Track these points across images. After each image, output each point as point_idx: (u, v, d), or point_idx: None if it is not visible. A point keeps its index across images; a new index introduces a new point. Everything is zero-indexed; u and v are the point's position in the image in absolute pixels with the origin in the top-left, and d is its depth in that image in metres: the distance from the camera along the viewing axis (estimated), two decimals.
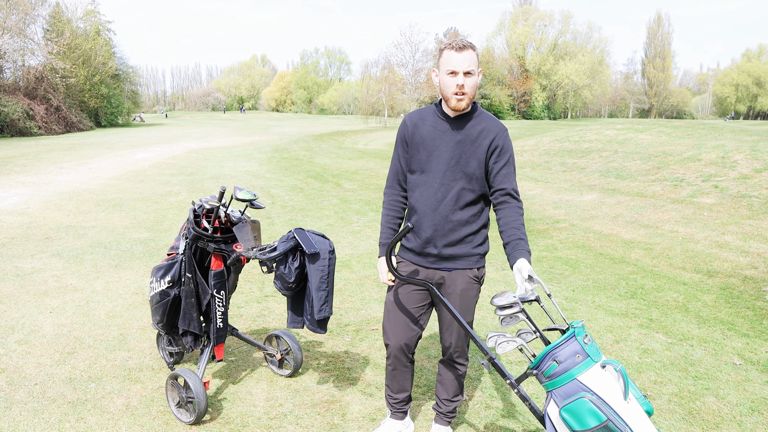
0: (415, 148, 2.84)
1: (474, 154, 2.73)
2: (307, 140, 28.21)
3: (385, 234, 2.99)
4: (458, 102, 2.67)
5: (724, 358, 4.31)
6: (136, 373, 3.88)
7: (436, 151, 2.78)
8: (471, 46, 2.64)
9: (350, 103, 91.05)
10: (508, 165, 2.75)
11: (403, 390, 3.14)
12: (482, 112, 2.81)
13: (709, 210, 8.88)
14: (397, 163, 2.95)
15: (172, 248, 3.62)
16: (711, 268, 6.69)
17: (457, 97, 2.66)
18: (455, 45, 2.64)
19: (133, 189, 12.27)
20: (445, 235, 2.78)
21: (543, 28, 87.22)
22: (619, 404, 2.19)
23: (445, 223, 2.77)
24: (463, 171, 2.74)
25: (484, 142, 2.73)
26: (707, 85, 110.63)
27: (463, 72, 2.62)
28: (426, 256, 2.85)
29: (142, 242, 7.54)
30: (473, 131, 2.74)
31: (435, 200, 2.77)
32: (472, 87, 2.66)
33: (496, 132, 2.74)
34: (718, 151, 11.83)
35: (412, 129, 2.85)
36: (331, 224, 9.08)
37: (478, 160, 2.73)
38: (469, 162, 2.73)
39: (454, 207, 2.76)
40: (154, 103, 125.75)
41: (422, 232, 2.82)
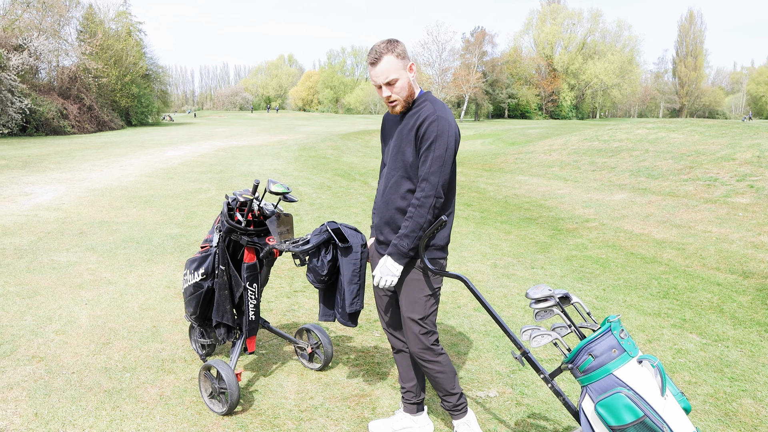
0: (383, 141, 3.05)
1: (409, 142, 2.78)
2: (334, 139, 28.33)
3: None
4: (393, 109, 2.81)
5: (761, 360, 4.22)
6: (169, 364, 3.94)
7: (387, 143, 2.98)
8: (385, 52, 2.67)
9: (377, 102, 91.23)
10: (428, 151, 2.68)
11: (408, 379, 3.15)
12: (423, 101, 2.80)
13: (744, 210, 8.69)
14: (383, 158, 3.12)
15: (206, 241, 3.67)
16: (747, 268, 6.55)
17: (390, 106, 2.79)
18: (370, 58, 2.72)
19: (164, 186, 12.46)
20: (387, 223, 2.88)
21: (571, 27, 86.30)
22: (657, 400, 2.16)
23: (388, 210, 2.86)
24: (402, 160, 2.81)
25: (414, 130, 2.76)
26: (741, 84, 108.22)
27: (384, 84, 2.71)
28: (379, 243, 2.98)
29: (173, 238, 7.65)
30: (410, 121, 2.80)
31: (382, 188, 2.94)
32: (399, 91, 2.72)
33: (423, 118, 2.72)
34: (754, 150, 11.57)
35: (382, 125, 3.07)
36: (359, 222, 9.11)
37: (410, 147, 2.77)
38: (404, 150, 2.79)
39: (395, 195, 2.83)
40: (183, 102, 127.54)
41: (373, 218, 3.01)
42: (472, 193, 12.30)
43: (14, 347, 4.13)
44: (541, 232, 8.59)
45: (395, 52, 2.68)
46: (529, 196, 11.84)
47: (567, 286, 5.97)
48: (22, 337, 4.29)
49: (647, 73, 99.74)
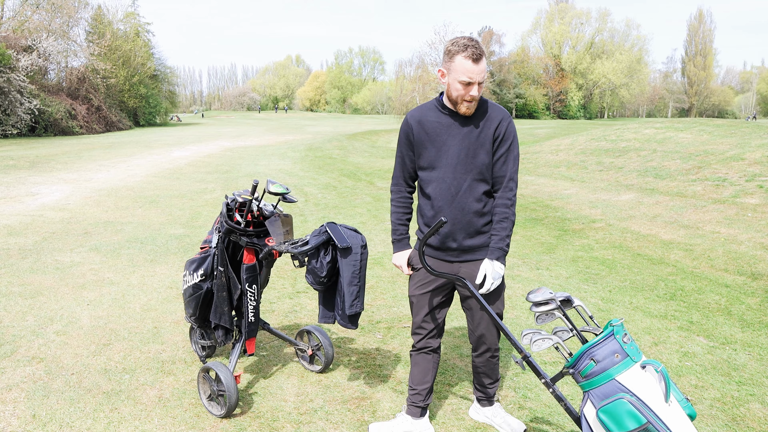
0: (421, 145, 2.85)
1: (482, 145, 2.75)
2: (341, 139, 28.32)
3: (398, 231, 3.04)
4: (467, 109, 2.72)
5: None
6: (169, 366, 3.91)
7: (444, 147, 2.80)
8: (484, 53, 2.64)
9: (384, 102, 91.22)
10: (508, 152, 2.77)
11: (424, 381, 3.11)
12: (484, 102, 2.81)
13: (753, 210, 8.59)
14: (402, 162, 2.98)
15: (205, 242, 3.64)
16: (756, 270, 6.46)
17: (467, 104, 2.69)
18: (472, 55, 2.60)
19: (170, 186, 12.47)
20: (463, 228, 2.81)
21: (579, 27, 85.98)
22: (660, 406, 2.11)
23: (463, 216, 2.79)
24: (473, 163, 2.76)
25: (489, 132, 2.75)
26: (751, 84, 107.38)
27: (478, 83, 2.64)
28: (446, 250, 2.87)
29: (177, 238, 7.64)
30: (478, 122, 2.76)
31: (450, 194, 2.80)
32: (480, 93, 2.69)
33: (499, 119, 2.76)
34: (764, 150, 11.44)
35: (416, 127, 2.86)
36: (364, 222, 9.07)
37: (486, 150, 2.76)
38: (477, 153, 2.76)
39: (469, 199, 2.79)
40: (191, 103, 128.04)
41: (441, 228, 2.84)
42: None
43: (15, 348, 4.11)
44: (547, 233, 8.52)
45: (485, 55, 2.66)
46: (535, 197, 11.76)
47: (572, 287, 5.90)
48: (23, 338, 4.28)
49: (656, 73, 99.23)
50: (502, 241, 2.76)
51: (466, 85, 2.64)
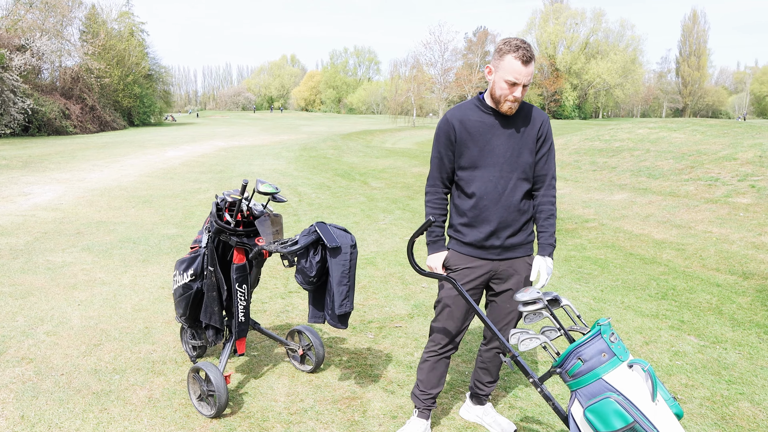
0: (463, 144, 2.83)
1: (525, 144, 2.81)
2: (336, 139, 28.30)
3: (434, 232, 2.98)
4: (509, 109, 2.74)
5: (760, 363, 4.16)
6: (160, 366, 3.90)
7: (487, 146, 2.80)
8: (534, 56, 2.65)
9: (379, 102, 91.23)
10: (549, 151, 2.88)
11: (438, 385, 3.11)
12: (523, 103, 2.85)
13: (745, 210, 8.62)
14: (440, 163, 2.93)
15: (195, 242, 3.63)
16: (747, 269, 6.49)
17: (510, 104, 2.71)
18: (522, 57, 2.61)
19: (163, 186, 12.43)
20: (508, 226, 2.85)
21: (574, 27, 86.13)
22: (647, 406, 2.11)
23: (509, 214, 2.83)
24: (518, 162, 2.81)
25: (532, 132, 2.83)
26: (745, 84, 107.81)
27: (523, 85, 2.66)
28: (488, 248, 2.88)
29: (169, 238, 7.62)
30: (520, 123, 2.81)
31: (497, 193, 2.82)
32: (524, 95, 2.72)
33: (541, 120, 2.85)
34: (756, 150, 11.49)
35: (459, 126, 2.83)
36: (357, 222, 9.06)
37: (530, 149, 2.83)
38: (522, 153, 2.81)
39: (515, 197, 2.83)
40: (186, 102, 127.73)
41: (485, 225, 2.85)
42: None
43: (4, 348, 4.09)
44: None
45: (535, 59, 2.67)
46: None
47: (564, 286, 5.91)
48: (12, 338, 4.26)
49: (650, 73, 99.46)
50: (551, 237, 2.86)
51: (511, 85, 2.65)
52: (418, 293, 5.60)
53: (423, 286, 5.80)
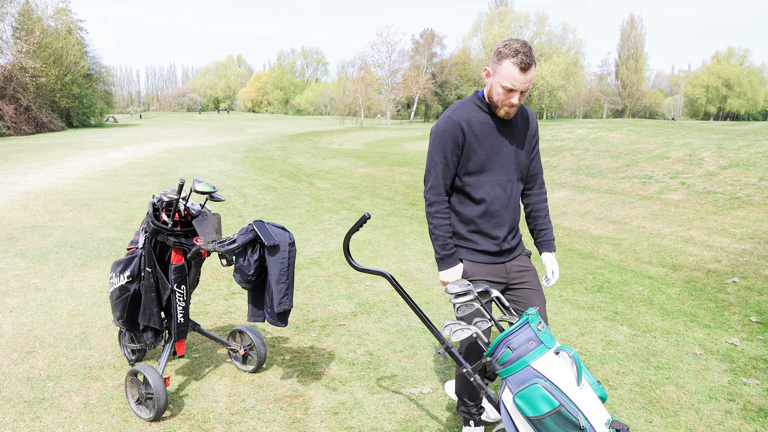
0: (470, 148, 2.70)
1: (523, 145, 2.80)
2: (282, 140, 28.07)
3: (448, 245, 2.78)
4: (506, 114, 2.68)
5: (685, 349, 4.38)
6: (97, 371, 3.81)
7: (493, 149, 2.71)
8: (534, 60, 2.52)
9: (327, 103, 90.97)
10: (537, 147, 2.89)
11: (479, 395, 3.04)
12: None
13: (676, 206, 9.02)
14: (446, 168, 2.74)
15: (132, 243, 3.57)
16: (676, 262, 6.80)
17: (507, 110, 2.65)
18: (521, 63, 2.49)
19: (103, 189, 12.09)
20: (514, 228, 2.86)
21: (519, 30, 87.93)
22: (572, 390, 2.21)
23: (516, 216, 2.85)
24: (519, 163, 2.80)
25: (529, 132, 2.82)
26: (679, 87, 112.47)
27: (521, 91, 2.57)
28: (503, 254, 2.85)
29: (109, 241, 7.43)
30: (519, 123, 2.79)
31: (506, 197, 2.78)
32: (522, 100, 2.63)
33: (534, 119, 2.85)
34: (686, 149, 12.03)
35: (467, 129, 2.69)
36: (303, 222, 9.04)
37: (526, 150, 2.82)
38: (521, 154, 2.80)
39: (518, 199, 2.86)
40: (128, 103, 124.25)
41: (498, 231, 2.78)
42: (417, 193, 12.38)
43: None
44: None
45: (536, 62, 2.56)
46: None
47: None
48: None
49: (591, 75, 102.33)
50: (551, 233, 2.94)
51: (508, 91, 2.55)
52: (361, 292, 5.64)
53: (367, 285, 5.84)
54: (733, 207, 8.50)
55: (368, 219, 2.60)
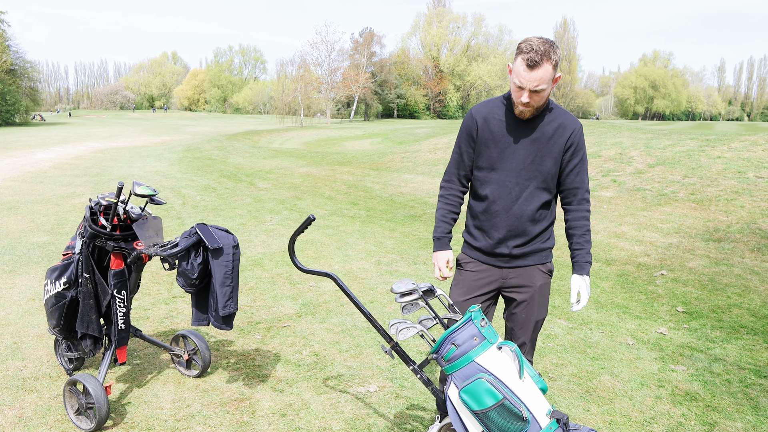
0: (484, 144, 2.69)
1: (550, 152, 2.62)
2: (221, 140, 27.56)
3: (440, 228, 2.85)
4: (520, 114, 2.59)
5: (618, 339, 4.60)
6: (31, 383, 3.67)
7: (508, 149, 2.65)
8: (546, 58, 2.42)
9: (266, 102, 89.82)
10: (581, 163, 2.68)
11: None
12: (556, 108, 2.68)
13: (608, 203, 9.41)
14: (459, 158, 2.79)
15: (68, 248, 3.45)
16: (609, 256, 7.10)
17: (521, 109, 2.56)
18: (528, 60, 2.42)
19: (32, 191, 11.57)
20: (518, 236, 2.70)
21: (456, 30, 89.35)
22: (515, 383, 2.29)
23: (520, 223, 2.68)
24: (539, 170, 2.63)
25: (560, 140, 2.62)
26: (609, 87, 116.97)
27: (530, 90, 2.47)
28: (497, 256, 2.75)
29: (40, 246, 7.12)
30: (548, 129, 2.62)
31: (509, 199, 2.67)
32: (539, 100, 2.52)
33: (572, 129, 2.63)
34: (617, 147, 12.55)
35: (482, 124, 2.69)
36: (244, 223, 8.93)
37: (554, 158, 2.63)
38: (544, 160, 2.63)
39: (528, 207, 2.67)
40: (56, 101, 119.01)
41: (494, 231, 2.72)
42: (359, 192, 12.43)
43: None
44: (425, 229, 8.84)
45: (553, 61, 2.43)
46: (414, 194, 12.13)
47: (447, 281, 6.17)
48: None
49: None
50: (588, 255, 2.72)
51: (518, 89, 2.50)
52: (305, 292, 5.64)
53: (310, 286, 5.84)
54: (660, 203, 8.93)
55: (313, 221, 2.62)
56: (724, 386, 3.80)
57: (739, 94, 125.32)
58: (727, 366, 4.11)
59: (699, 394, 3.69)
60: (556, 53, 2.44)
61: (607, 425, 3.31)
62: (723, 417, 3.41)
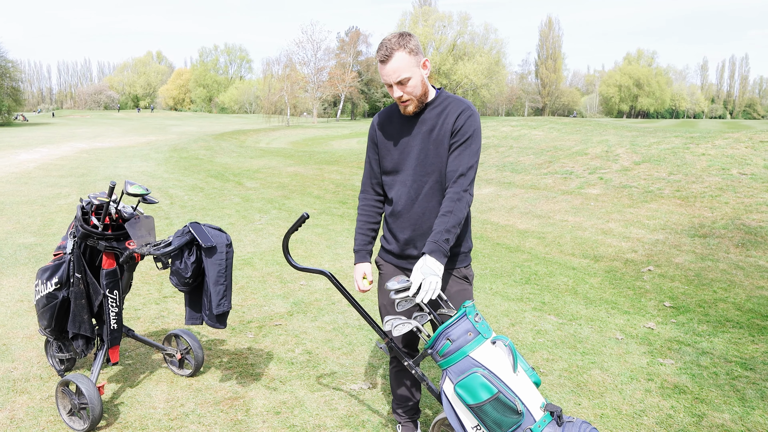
0: (384, 148, 2.70)
1: (442, 142, 2.56)
2: (207, 139, 27.42)
3: (357, 240, 2.84)
4: (404, 108, 2.59)
5: (608, 334, 4.65)
6: (22, 384, 3.64)
7: (407, 148, 2.63)
8: (396, 47, 2.45)
9: (252, 101, 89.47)
10: (463, 145, 2.52)
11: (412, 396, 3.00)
12: (447, 97, 2.63)
13: (595, 200, 9.49)
14: (368, 167, 2.82)
15: (59, 248, 3.44)
16: (597, 253, 7.17)
17: (402, 106, 2.58)
18: (380, 56, 2.47)
19: (16, 192, 11.45)
20: (423, 234, 2.63)
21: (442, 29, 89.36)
22: (509, 377, 2.32)
23: (422, 222, 2.63)
24: (434, 164, 2.58)
25: (447, 126, 2.55)
26: (594, 86, 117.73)
27: (395, 83, 2.49)
28: (407, 258, 2.71)
29: (27, 247, 7.06)
30: (438, 119, 2.57)
31: (409, 199, 2.64)
32: (413, 90, 2.51)
33: (458, 112, 2.55)
34: (603, 145, 12.66)
35: (380, 130, 2.73)
36: (233, 223, 8.91)
37: (446, 148, 2.56)
38: (438, 152, 2.57)
39: (429, 204, 2.62)
40: (39, 101, 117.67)
41: (400, 233, 2.69)
42: (348, 191, 12.43)
43: None
44: None
45: (408, 48, 2.45)
46: None
47: None
48: None
49: (513, 75, 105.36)
50: (438, 235, 2.41)
51: (389, 87, 2.52)
52: (296, 291, 5.64)
53: (301, 284, 5.84)
54: (647, 200, 9.03)
55: (307, 218, 2.63)
56: (711, 379, 3.86)
57: (721, 92, 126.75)
58: (714, 359, 4.17)
59: (687, 386, 3.74)
60: (408, 41, 2.46)
61: (599, 418, 3.35)
62: (711, 409, 3.46)
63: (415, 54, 2.48)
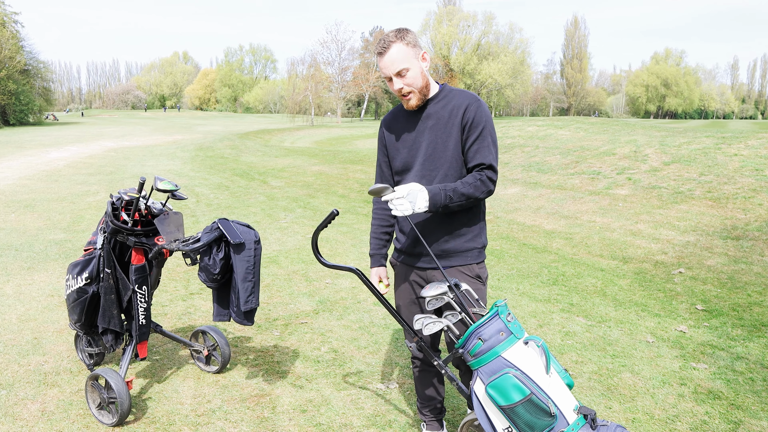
0: (394, 148, 2.71)
1: (450, 135, 2.55)
2: (233, 138, 27.65)
3: (372, 245, 2.88)
4: (407, 102, 2.58)
5: (638, 337, 4.55)
6: (53, 377, 3.69)
7: (414, 145, 2.63)
8: (394, 40, 2.47)
9: (276, 101, 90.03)
10: (480, 138, 2.51)
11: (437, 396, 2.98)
12: (450, 91, 2.63)
13: (623, 201, 9.33)
14: (379, 170, 2.82)
15: (90, 243, 3.47)
16: (626, 254, 7.04)
17: (404, 100, 2.58)
18: (378, 49, 2.50)
19: (47, 189, 11.65)
20: (433, 231, 2.61)
21: (467, 29, 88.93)
22: (542, 378, 2.27)
23: (432, 218, 2.61)
24: (443, 157, 2.56)
25: (456, 120, 2.54)
26: (620, 86, 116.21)
27: (394, 74, 2.49)
28: (418, 256, 2.70)
29: (57, 243, 7.17)
30: (444, 112, 2.57)
31: None
32: (412, 81, 2.51)
33: (466, 105, 2.54)
34: (631, 145, 12.45)
35: (387, 131, 2.74)
36: (258, 221, 8.95)
37: (455, 141, 2.55)
38: (446, 146, 2.56)
39: None
40: (69, 101, 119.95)
41: (411, 230, 2.67)
42: None
43: None
44: None
45: (405, 40, 2.47)
46: None
47: None
48: None
49: (538, 74, 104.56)
50: (448, 188, 2.45)
51: (389, 81, 2.53)
52: (322, 289, 5.63)
53: (327, 282, 5.83)
54: (677, 201, 8.85)
55: (336, 215, 2.60)
56: (747, 384, 3.75)
57: (752, 92, 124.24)
58: (749, 364, 4.06)
59: (722, 392, 3.64)
60: (405, 34, 2.49)
61: (630, 423, 3.28)
62: (748, 415, 3.36)
63: (413, 46, 2.50)
